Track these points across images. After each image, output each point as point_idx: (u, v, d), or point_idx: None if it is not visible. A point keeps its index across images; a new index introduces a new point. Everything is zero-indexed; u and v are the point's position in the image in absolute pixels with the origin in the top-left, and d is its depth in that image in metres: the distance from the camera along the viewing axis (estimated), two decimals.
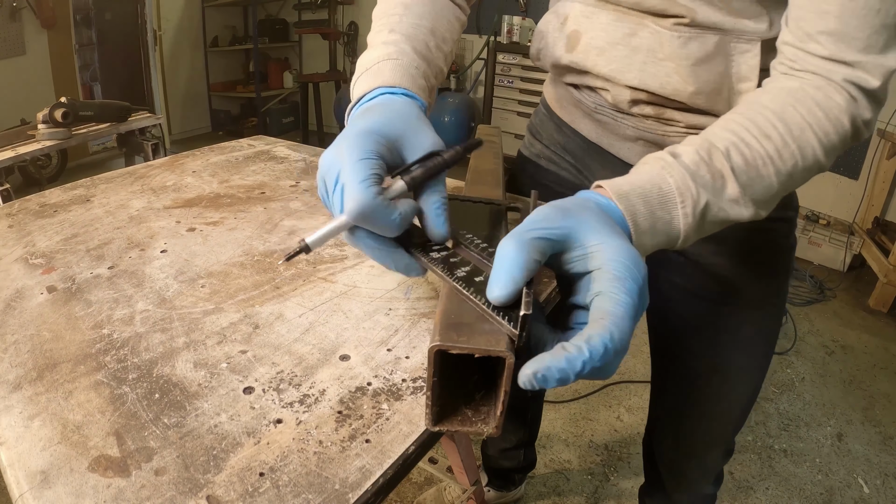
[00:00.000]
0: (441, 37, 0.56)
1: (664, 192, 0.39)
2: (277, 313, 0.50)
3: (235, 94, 4.90)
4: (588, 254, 0.33)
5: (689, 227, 0.40)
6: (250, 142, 1.06)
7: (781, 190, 0.44)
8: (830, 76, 0.45)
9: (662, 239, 0.40)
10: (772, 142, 0.43)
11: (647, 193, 0.39)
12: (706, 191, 0.40)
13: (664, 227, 0.39)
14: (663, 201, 0.39)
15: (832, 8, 0.44)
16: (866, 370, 1.96)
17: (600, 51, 0.62)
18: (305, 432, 0.37)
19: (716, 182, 0.41)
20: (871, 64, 0.44)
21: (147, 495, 0.32)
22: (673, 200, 0.39)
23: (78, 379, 0.41)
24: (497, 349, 0.30)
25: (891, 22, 0.43)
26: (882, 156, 2.55)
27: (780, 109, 0.44)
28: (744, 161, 0.42)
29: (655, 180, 0.40)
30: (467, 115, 3.84)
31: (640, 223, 0.38)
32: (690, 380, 0.79)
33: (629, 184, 0.39)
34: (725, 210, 0.42)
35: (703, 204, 0.40)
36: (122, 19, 3.95)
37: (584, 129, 0.73)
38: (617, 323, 0.29)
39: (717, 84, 0.57)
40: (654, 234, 0.39)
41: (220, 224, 0.68)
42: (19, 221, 0.69)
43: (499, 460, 1.27)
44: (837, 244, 2.66)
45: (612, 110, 0.67)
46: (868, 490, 1.44)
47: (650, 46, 0.58)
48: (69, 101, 1.87)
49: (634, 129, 0.66)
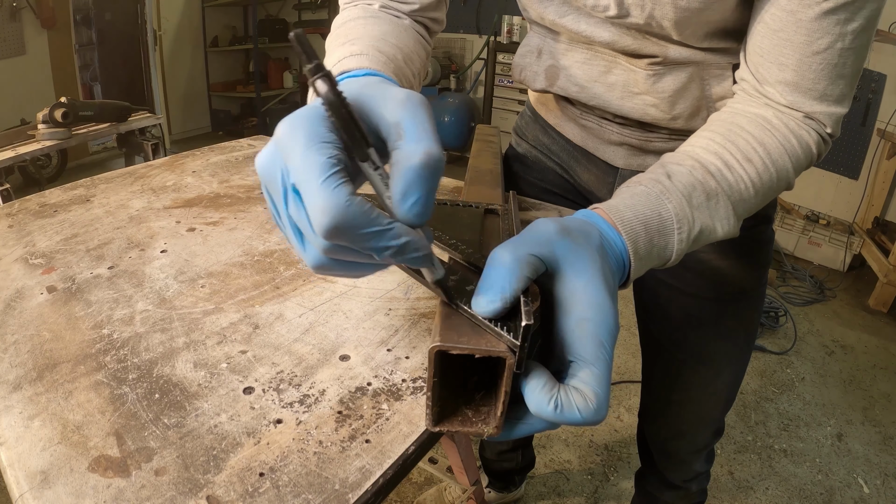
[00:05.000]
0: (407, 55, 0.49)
1: (663, 219, 0.40)
2: (277, 313, 0.50)
3: (235, 94, 4.90)
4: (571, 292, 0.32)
5: (680, 251, 0.41)
6: (250, 142, 1.06)
7: (755, 209, 0.47)
8: (792, 115, 0.47)
9: (655, 262, 0.41)
10: (753, 165, 0.44)
11: (647, 221, 0.39)
12: (701, 215, 0.42)
13: (659, 252, 0.40)
14: (662, 228, 0.40)
15: (790, 61, 0.46)
16: (866, 370, 1.96)
17: (580, 88, 0.64)
18: (305, 432, 0.37)
19: (710, 203, 0.42)
20: (824, 114, 0.47)
21: (147, 495, 0.32)
22: (671, 228, 0.40)
23: (78, 379, 0.41)
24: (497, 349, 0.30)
25: (847, 72, 0.45)
26: (882, 156, 2.55)
27: (760, 134, 0.46)
28: (729, 185, 0.43)
29: (655, 207, 0.40)
30: (467, 114, 3.84)
31: (639, 251, 0.39)
32: (677, 369, 0.82)
33: (631, 210, 0.40)
34: (716, 232, 0.43)
35: (697, 228, 0.41)
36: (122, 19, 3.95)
37: (570, 133, 0.75)
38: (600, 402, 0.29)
39: (694, 108, 0.59)
40: (650, 259, 0.40)
41: (220, 224, 0.68)
42: (19, 221, 0.69)
43: (497, 462, 1.28)
44: (837, 244, 2.66)
45: (598, 117, 0.69)
46: (868, 490, 1.44)
47: (625, 83, 0.60)
48: (69, 101, 1.87)
49: (619, 136, 0.67)
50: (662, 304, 0.78)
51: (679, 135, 0.63)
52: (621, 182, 0.70)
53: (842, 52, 0.44)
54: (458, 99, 3.85)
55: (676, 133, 0.63)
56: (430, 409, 0.32)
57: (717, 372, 0.79)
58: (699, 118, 0.59)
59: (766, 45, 0.47)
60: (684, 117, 0.59)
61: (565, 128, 0.75)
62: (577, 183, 0.78)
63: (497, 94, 3.77)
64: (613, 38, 0.57)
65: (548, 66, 0.66)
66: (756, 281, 0.74)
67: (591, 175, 0.74)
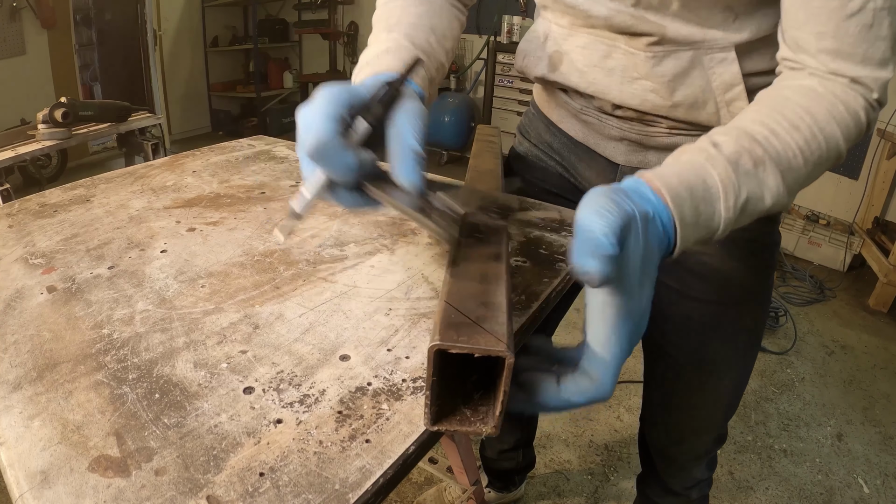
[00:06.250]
0: (441, 34, 0.57)
1: (709, 185, 0.39)
2: (277, 313, 0.50)
3: (235, 94, 4.90)
4: None
5: (728, 221, 0.41)
6: (250, 142, 1.06)
7: (806, 180, 0.45)
8: (837, 80, 0.46)
9: (703, 233, 0.40)
10: (801, 133, 0.43)
11: (692, 187, 0.39)
12: (748, 182, 0.41)
13: (706, 221, 0.40)
14: (707, 196, 0.39)
15: (827, 28, 0.45)
16: (866, 370, 1.96)
17: (580, 73, 0.64)
18: (305, 432, 0.37)
19: (758, 172, 0.41)
20: (869, 78, 0.46)
21: (147, 495, 0.32)
22: (717, 194, 0.40)
23: (78, 379, 0.41)
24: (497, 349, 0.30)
25: (885, 34, 0.45)
26: (882, 156, 2.55)
27: (806, 103, 0.45)
28: (777, 153, 0.42)
29: (700, 173, 0.40)
30: (467, 114, 3.84)
31: (685, 217, 0.38)
32: (677, 373, 0.81)
33: (677, 176, 0.39)
34: (764, 201, 0.42)
35: (744, 196, 0.40)
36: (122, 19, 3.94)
37: (571, 129, 0.75)
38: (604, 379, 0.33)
39: (696, 98, 0.58)
40: (697, 228, 0.39)
41: (220, 224, 0.68)
42: (19, 221, 0.69)
43: (497, 462, 1.28)
44: (837, 244, 2.66)
45: (597, 111, 0.68)
46: (868, 490, 1.44)
47: (624, 67, 0.60)
48: (69, 101, 1.87)
49: (619, 130, 0.67)
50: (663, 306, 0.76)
51: (680, 129, 0.63)
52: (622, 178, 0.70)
53: (875, 12, 0.44)
54: (458, 99, 3.85)
55: (677, 127, 0.63)
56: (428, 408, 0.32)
57: (718, 378, 0.78)
58: (704, 111, 0.58)
59: (801, 17, 0.47)
60: (685, 106, 0.58)
61: (566, 124, 0.75)
62: (578, 181, 0.78)
63: (497, 94, 3.77)
64: (609, 13, 0.57)
65: (552, 52, 0.66)
66: (760, 285, 0.73)
67: (592, 172, 0.74)
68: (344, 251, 0.61)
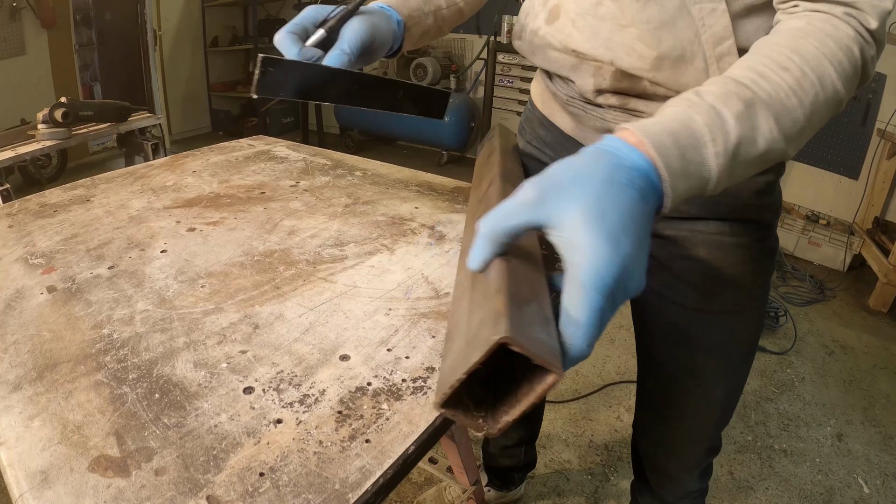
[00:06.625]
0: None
1: (694, 130, 0.37)
2: (277, 313, 0.50)
3: (235, 94, 4.90)
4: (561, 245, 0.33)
5: (721, 168, 0.38)
6: (250, 142, 1.06)
7: (807, 124, 0.42)
8: (832, 11, 0.44)
9: (695, 183, 0.38)
10: (790, 73, 0.41)
11: (675, 133, 0.37)
12: (737, 126, 0.38)
13: (696, 169, 0.38)
14: (694, 142, 0.37)
15: None
16: (866, 370, 1.96)
17: (573, 22, 0.63)
18: (305, 432, 0.37)
19: (749, 113, 0.39)
20: (867, 4, 0.44)
21: (147, 495, 0.32)
22: (703, 139, 0.37)
23: (78, 379, 0.41)
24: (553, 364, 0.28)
25: None
26: (882, 156, 2.55)
27: (793, 43, 0.43)
28: (767, 94, 0.40)
29: (684, 120, 0.38)
30: (467, 114, 3.85)
31: (672, 165, 0.36)
32: (666, 382, 0.78)
33: (657, 125, 0.37)
34: (757, 145, 0.39)
35: (734, 141, 0.38)
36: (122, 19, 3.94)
37: (562, 123, 0.75)
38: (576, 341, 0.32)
39: (683, 50, 0.56)
40: (687, 176, 0.37)
41: (220, 224, 0.68)
42: (19, 221, 0.69)
43: (499, 458, 1.27)
44: (837, 244, 2.66)
45: (582, 102, 0.68)
46: (868, 490, 1.44)
47: (613, 14, 0.58)
48: (69, 101, 1.87)
49: (603, 121, 0.66)
50: (652, 313, 0.75)
51: None
52: None
53: None
54: (457, 99, 3.85)
55: None
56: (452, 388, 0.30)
57: (707, 388, 0.75)
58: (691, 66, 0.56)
59: None
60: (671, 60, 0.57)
61: (558, 118, 0.75)
62: None
63: (497, 94, 3.77)
64: None
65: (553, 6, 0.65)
66: (751, 295, 0.69)
67: None
68: (344, 251, 0.61)
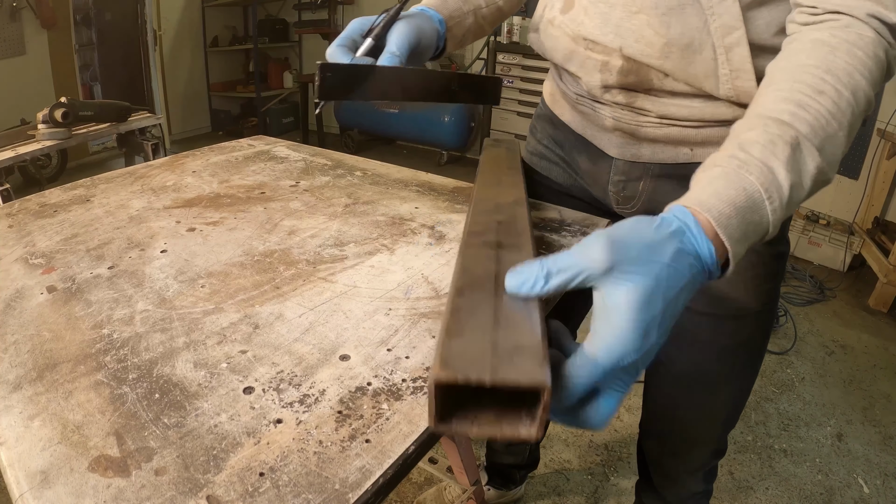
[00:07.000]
0: None
1: (750, 193, 0.37)
2: (277, 313, 0.50)
3: (235, 94, 4.90)
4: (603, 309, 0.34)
5: (776, 220, 0.38)
6: (250, 142, 1.06)
7: (847, 144, 0.42)
8: (854, 12, 0.44)
9: (754, 240, 0.39)
10: (827, 96, 0.40)
11: (734, 201, 0.37)
12: (788, 175, 0.38)
13: (755, 229, 0.38)
14: (752, 204, 0.37)
15: None
16: (866, 370, 1.96)
17: (585, 10, 0.63)
18: (305, 432, 0.37)
19: (796, 156, 0.39)
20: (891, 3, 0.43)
21: (147, 495, 0.32)
22: (760, 200, 0.37)
23: (78, 379, 0.41)
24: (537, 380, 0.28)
25: None
26: (882, 156, 2.55)
27: (823, 61, 0.42)
28: (810, 126, 0.40)
29: (738, 184, 0.37)
30: (467, 114, 3.85)
31: (734, 234, 0.36)
32: (672, 386, 0.79)
33: (714, 196, 0.37)
34: (805, 186, 0.39)
35: (787, 191, 0.38)
36: (122, 19, 3.94)
37: (571, 121, 0.76)
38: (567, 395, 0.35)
39: (691, 38, 0.56)
40: (746, 239, 0.38)
41: (220, 224, 0.68)
42: (19, 221, 0.69)
43: (503, 455, 1.27)
44: (837, 244, 2.66)
45: (590, 100, 0.68)
46: (868, 490, 1.44)
47: (624, 1, 0.59)
48: (69, 101, 1.87)
49: (611, 119, 0.67)
50: None
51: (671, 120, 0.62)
52: (616, 172, 0.71)
53: None
54: None
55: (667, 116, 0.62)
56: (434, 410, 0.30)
57: (712, 392, 0.75)
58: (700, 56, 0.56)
59: None
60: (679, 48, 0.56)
61: (567, 116, 0.76)
62: (578, 175, 0.79)
63: None
64: None
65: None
66: (759, 300, 0.69)
67: (589, 164, 0.75)
68: (344, 251, 0.61)
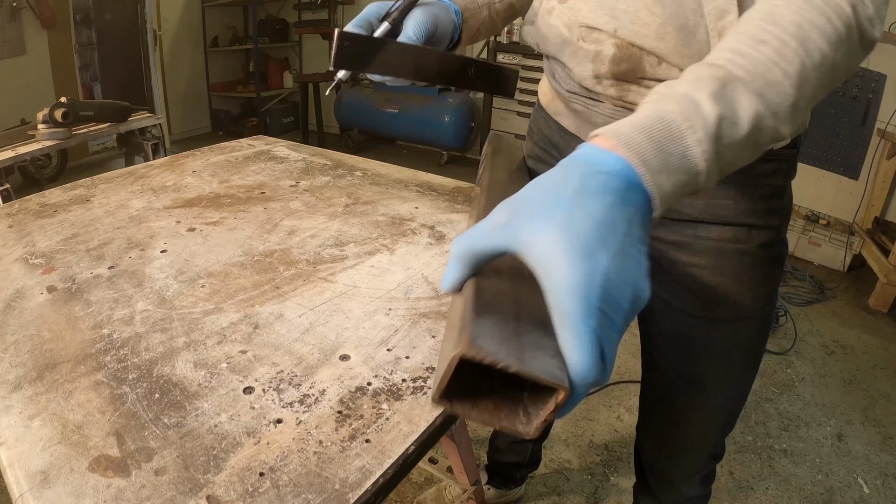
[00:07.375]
0: None
1: (667, 121, 0.35)
2: (277, 313, 0.50)
3: (235, 94, 4.90)
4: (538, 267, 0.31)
5: (707, 155, 0.35)
6: (250, 142, 1.06)
7: (798, 97, 0.39)
8: None
9: (682, 177, 0.35)
10: (768, 45, 0.38)
11: (648, 127, 0.35)
12: (717, 106, 0.35)
13: (679, 161, 0.35)
14: (669, 132, 0.34)
15: None
16: (866, 370, 1.96)
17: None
18: (305, 432, 0.37)
19: (725, 91, 0.36)
20: None
21: (147, 495, 0.32)
22: (679, 128, 0.35)
23: (78, 379, 0.41)
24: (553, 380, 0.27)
25: None
26: (882, 156, 2.55)
27: (769, 14, 0.40)
28: (745, 70, 0.37)
29: (654, 112, 0.35)
30: (467, 114, 3.85)
31: (650, 160, 0.34)
32: (667, 389, 0.78)
33: (627, 123, 0.35)
34: (741, 124, 0.36)
35: (713, 123, 0.35)
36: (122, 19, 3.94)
37: (565, 121, 0.75)
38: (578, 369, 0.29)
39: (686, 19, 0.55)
40: (671, 171, 0.34)
41: (220, 224, 0.68)
42: (19, 221, 0.69)
43: (506, 453, 1.27)
44: (837, 244, 2.66)
45: (583, 97, 0.68)
46: (868, 490, 1.44)
47: None
48: (69, 101, 1.87)
49: (604, 117, 0.66)
50: (655, 318, 0.74)
51: None
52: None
53: None
54: (458, 99, 3.84)
55: None
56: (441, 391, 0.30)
57: (709, 396, 0.74)
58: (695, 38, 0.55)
59: None
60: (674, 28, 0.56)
61: (562, 117, 0.75)
62: None
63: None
64: None
65: None
66: (756, 302, 0.68)
67: None
68: (344, 251, 0.61)
